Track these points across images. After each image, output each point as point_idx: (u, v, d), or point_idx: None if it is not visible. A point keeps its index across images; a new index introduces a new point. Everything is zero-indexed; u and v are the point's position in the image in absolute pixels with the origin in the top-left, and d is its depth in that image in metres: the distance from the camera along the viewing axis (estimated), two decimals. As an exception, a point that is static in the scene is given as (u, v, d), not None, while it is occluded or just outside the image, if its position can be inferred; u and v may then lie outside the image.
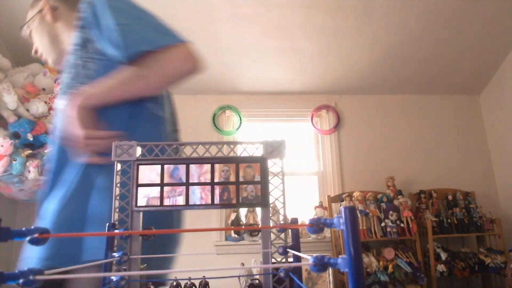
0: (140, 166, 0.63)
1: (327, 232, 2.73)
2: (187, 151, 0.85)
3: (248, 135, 3.10)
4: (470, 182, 2.96)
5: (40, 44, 1.02)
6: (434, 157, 3.05)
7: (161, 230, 0.79)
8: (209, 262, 2.62)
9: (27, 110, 2.08)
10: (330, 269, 2.42)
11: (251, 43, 2.56)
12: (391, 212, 2.53)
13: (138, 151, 0.64)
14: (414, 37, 2.61)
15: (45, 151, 2.08)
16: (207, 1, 2.24)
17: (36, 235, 0.33)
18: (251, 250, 2.59)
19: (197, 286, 1.80)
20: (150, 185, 0.59)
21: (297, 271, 0.58)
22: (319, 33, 2.51)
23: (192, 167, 0.68)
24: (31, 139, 2.01)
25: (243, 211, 2.72)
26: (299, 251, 0.57)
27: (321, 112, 3.08)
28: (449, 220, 2.64)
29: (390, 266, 2.37)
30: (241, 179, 0.66)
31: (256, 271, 2.18)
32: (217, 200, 0.64)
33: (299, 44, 2.59)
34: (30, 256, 0.74)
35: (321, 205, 2.77)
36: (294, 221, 0.70)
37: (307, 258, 0.33)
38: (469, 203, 2.74)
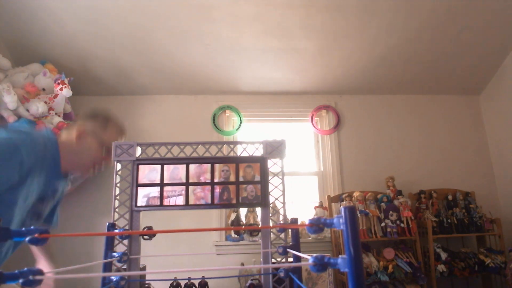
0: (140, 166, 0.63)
1: (327, 232, 2.73)
2: (187, 151, 0.85)
3: (248, 135, 3.09)
4: (470, 182, 2.96)
5: None
6: (434, 157, 3.05)
7: (161, 230, 0.79)
8: (209, 262, 2.62)
9: (27, 110, 2.08)
10: (330, 269, 2.42)
11: (251, 43, 2.56)
12: (391, 212, 2.53)
13: (138, 151, 0.64)
14: (414, 37, 2.61)
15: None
16: (207, 1, 2.24)
17: (35, 235, 0.33)
18: (251, 250, 2.59)
19: (197, 286, 1.80)
20: (150, 185, 0.59)
21: (297, 271, 0.58)
22: (319, 33, 2.51)
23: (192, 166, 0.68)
24: (31, 139, 2.00)
25: (243, 211, 2.71)
26: (299, 251, 0.57)
27: (321, 112, 3.08)
28: (449, 220, 2.64)
29: (390, 266, 2.37)
30: (241, 179, 0.66)
31: (256, 271, 2.18)
32: (217, 200, 0.63)
33: (299, 44, 2.59)
34: None
35: (321, 205, 2.77)
36: (294, 221, 0.70)
37: (307, 258, 0.33)
38: (469, 203, 2.74)
